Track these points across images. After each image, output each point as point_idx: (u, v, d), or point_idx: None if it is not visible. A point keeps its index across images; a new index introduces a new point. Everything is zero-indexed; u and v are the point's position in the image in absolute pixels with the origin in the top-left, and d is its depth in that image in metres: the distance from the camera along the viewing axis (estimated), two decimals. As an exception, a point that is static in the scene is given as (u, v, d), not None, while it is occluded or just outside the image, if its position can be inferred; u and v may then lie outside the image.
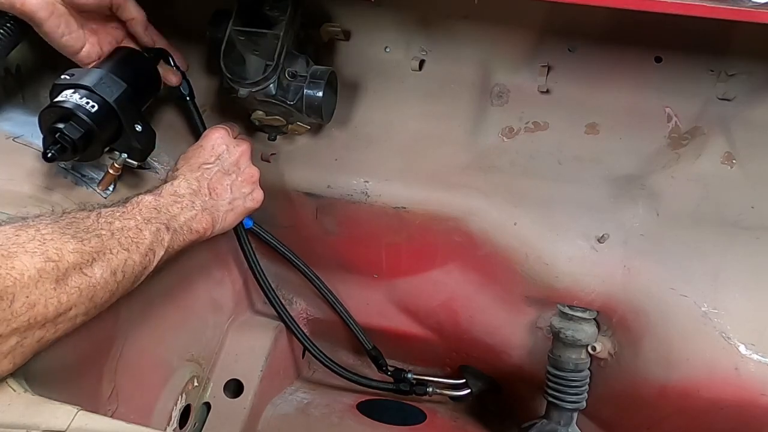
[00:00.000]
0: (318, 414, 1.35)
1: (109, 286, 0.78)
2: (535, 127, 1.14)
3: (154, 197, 0.91)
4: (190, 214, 0.94)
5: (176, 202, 0.93)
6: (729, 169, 1.07)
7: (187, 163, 1.01)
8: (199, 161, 1.01)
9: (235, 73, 1.05)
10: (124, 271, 0.80)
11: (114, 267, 0.78)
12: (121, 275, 0.80)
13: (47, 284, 0.69)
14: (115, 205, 0.87)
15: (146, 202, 0.89)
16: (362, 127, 1.18)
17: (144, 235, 0.84)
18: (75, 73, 0.94)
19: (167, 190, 0.94)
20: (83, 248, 0.75)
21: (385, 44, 1.17)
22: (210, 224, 0.97)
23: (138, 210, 0.87)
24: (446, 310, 1.29)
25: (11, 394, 0.67)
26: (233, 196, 1.02)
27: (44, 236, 0.72)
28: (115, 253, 0.79)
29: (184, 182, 0.96)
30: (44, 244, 0.71)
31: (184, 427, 1.19)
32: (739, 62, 1.04)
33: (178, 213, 0.92)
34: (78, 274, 0.74)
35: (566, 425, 1.19)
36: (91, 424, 0.65)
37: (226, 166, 1.02)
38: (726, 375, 1.01)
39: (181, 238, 0.92)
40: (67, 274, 0.72)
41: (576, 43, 1.09)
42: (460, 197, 1.13)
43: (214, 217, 0.98)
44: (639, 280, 1.07)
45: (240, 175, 1.03)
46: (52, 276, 0.70)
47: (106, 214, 0.83)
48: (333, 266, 1.30)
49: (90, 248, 0.76)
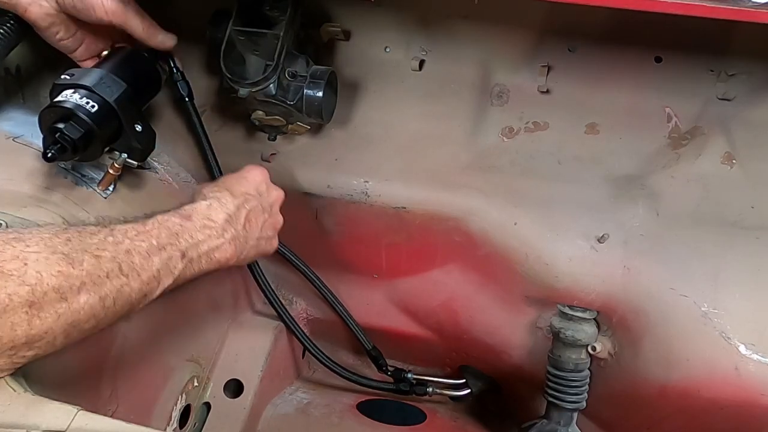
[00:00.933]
0: (318, 414, 1.35)
1: (95, 313, 0.71)
2: (535, 127, 1.14)
3: (181, 219, 0.84)
4: (215, 243, 0.87)
5: (206, 227, 0.86)
6: (729, 169, 1.07)
7: (229, 188, 0.94)
8: (242, 190, 0.96)
9: (235, 73, 1.05)
10: (116, 298, 0.73)
11: (104, 293, 0.72)
12: (111, 302, 0.73)
13: (18, 309, 0.64)
14: (134, 222, 0.80)
15: (169, 225, 0.82)
16: (362, 127, 1.18)
17: (152, 261, 0.78)
18: (75, 73, 0.94)
19: (199, 213, 0.87)
20: (71, 271, 0.69)
21: (385, 44, 1.17)
22: (233, 255, 0.90)
23: (156, 232, 0.80)
24: (446, 310, 1.29)
25: (11, 394, 0.67)
26: (261, 234, 0.97)
27: (28, 256, 0.66)
28: (111, 278, 0.73)
29: (221, 207, 0.90)
30: (25, 266, 0.66)
31: (184, 427, 1.19)
32: (739, 62, 1.04)
33: (202, 240, 0.85)
34: (57, 299, 0.67)
35: (566, 425, 1.19)
36: (91, 424, 0.64)
37: (264, 205, 0.99)
38: (726, 375, 1.01)
39: (196, 267, 0.85)
40: (44, 299, 0.66)
41: (576, 43, 1.09)
42: (460, 197, 1.13)
43: (240, 248, 0.91)
44: (639, 280, 1.07)
45: (271, 218, 1.00)
46: (24, 300, 0.64)
47: (118, 233, 0.77)
48: (333, 266, 1.30)
49: (79, 272, 0.70)
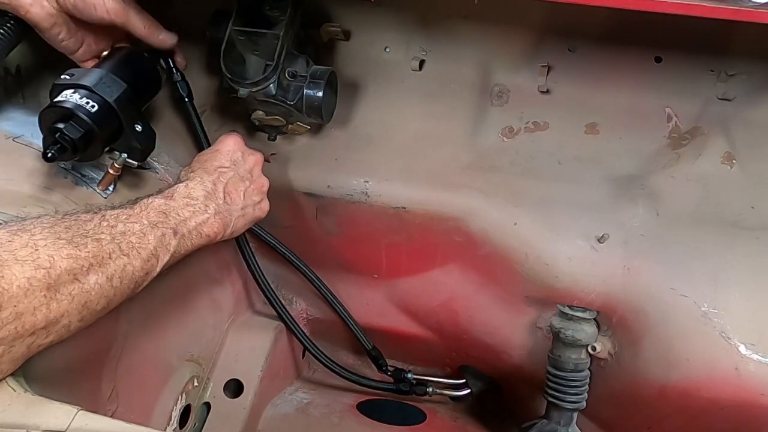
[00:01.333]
0: (318, 414, 1.35)
1: (105, 293, 0.75)
2: (535, 127, 1.14)
3: (164, 200, 0.88)
4: (201, 218, 0.91)
5: (188, 205, 0.91)
6: (729, 169, 1.07)
7: (203, 166, 0.99)
8: (215, 164, 0.99)
9: (235, 73, 1.05)
10: (121, 277, 0.77)
11: (111, 273, 0.76)
12: (118, 281, 0.77)
13: (37, 293, 0.68)
14: (122, 207, 0.84)
15: (155, 205, 0.87)
16: (362, 127, 1.18)
17: (148, 239, 0.82)
18: (75, 73, 0.94)
19: (180, 192, 0.91)
20: (78, 254, 0.73)
21: (385, 44, 1.17)
22: (221, 228, 0.94)
23: (145, 213, 0.85)
24: (446, 310, 1.29)
25: (11, 394, 0.67)
26: (245, 202, 1.00)
27: (37, 242, 0.70)
28: (114, 258, 0.77)
29: (199, 184, 0.94)
30: (36, 251, 0.69)
31: (184, 427, 1.19)
32: (739, 62, 1.04)
33: (188, 217, 0.89)
34: (71, 281, 0.71)
35: (566, 425, 1.19)
36: (91, 424, 0.64)
37: (241, 173, 1.01)
38: (726, 375, 1.01)
39: (188, 243, 0.89)
40: (59, 282, 0.70)
41: (576, 43, 1.09)
42: (460, 197, 1.13)
43: (226, 221, 0.95)
44: (639, 280, 1.07)
45: (253, 183, 1.02)
46: (42, 284, 0.68)
47: (110, 217, 0.81)
48: (333, 266, 1.30)
49: (86, 253, 0.74)
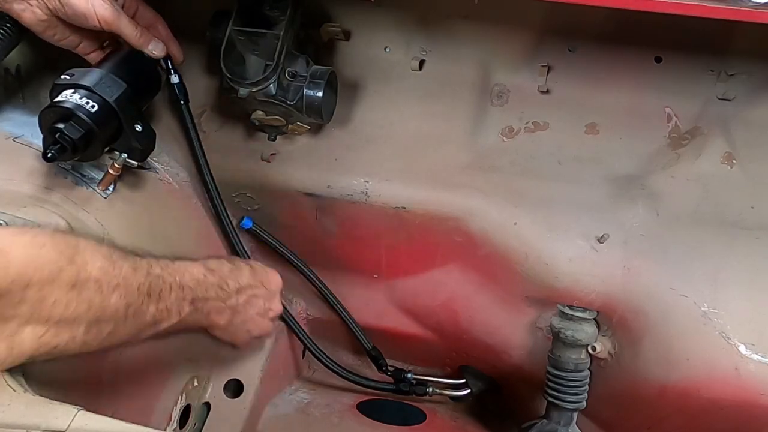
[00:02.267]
0: (318, 414, 1.35)
1: (117, 317, 0.77)
2: (535, 127, 1.14)
3: (204, 272, 0.94)
4: (219, 305, 0.97)
5: (220, 288, 0.97)
6: (729, 169, 1.07)
7: (252, 269, 1.06)
8: (260, 278, 1.07)
9: (235, 73, 1.05)
10: (136, 312, 0.79)
11: (129, 302, 0.78)
12: (132, 314, 0.79)
13: (63, 285, 0.69)
14: (166, 258, 0.88)
15: (194, 271, 0.92)
16: (362, 127, 1.18)
17: (170, 295, 0.86)
18: (75, 73, 0.94)
19: (221, 273, 0.98)
20: (111, 270, 0.75)
21: (385, 44, 1.17)
22: (225, 323, 1.00)
23: (181, 273, 0.89)
24: (446, 310, 1.29)
25: (11, 394, 0.67)
26: (249, 319, 1.05)
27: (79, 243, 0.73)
28: (139, 291, 0.79)
29: (238, 278, 1.01)
30: (76, 250, 0.72)
31: (184, 427, 1.19)
32: (739, 62, 1.04)
33: (212, 297, 0.95)
34: (95, 289, 0.73)
35: (566, 425, 1.19)
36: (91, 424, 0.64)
37: (265, 302, 1.08)
38: (726, 375, 1.01)
39: (193, 318, 0.92)
40: (84, 285, 0.72)
41: (576, 43, 1.09)
42: (460, 197, 1.13)
43: (231, 320, 1.01)
44: (639, 280, 1.07)
45: (264, 318, 1.09)
46: (70, 279, 0.70)
47: (152, 260, 0.85)
48: (333, 266, 1.30)
49: (117, 272, 0.76)
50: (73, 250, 0.72)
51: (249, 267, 1.06)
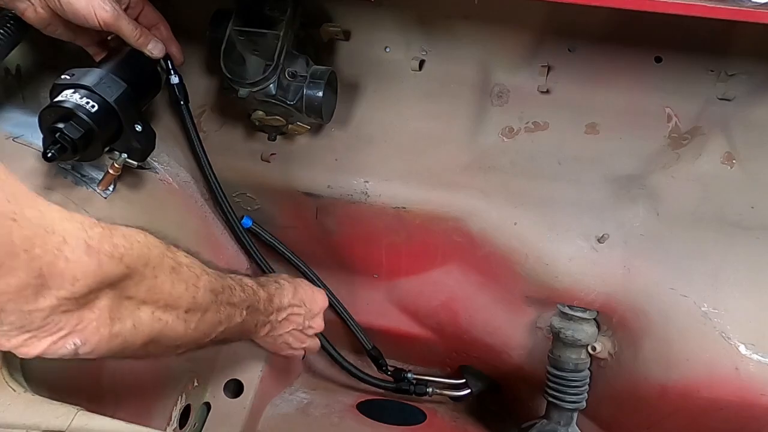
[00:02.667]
0: (318, 414, 1.35)
1: (204, 306, 0.81)
2: (535, 127, 1.14)
3: (256, 286, 1.00)
4: (263, 319, 1.02)
5: (268, 302, 1.02)
6: (729, 169, 1.07)
7: (296, 288, 1.11)
8: (302, 297, 1.11)
9: (235, 73, 1.05)
10: (219, 303, 0.85)
11: (215, 288, 0.84)
12: (215, 304, 0.84)
13: (166, 268, 0.74)
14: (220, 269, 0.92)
15: (248, 283, 0.97)
16: (362, 127, 1.18)
17: (236, 296, 0.91)
18: (75, 73, 0.94)
19: (269, 289, 1.04)
20: (194, 261, 0.82)
21: (385, 44, 1.17)
22: (264, 335, 1.06)
23: (239, 281, 0.95)
24: (446, 310, 1.29)
25: (11, 394, 0.67)
26: (283, 335, 1.11)
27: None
28: (217, 283, 0.85)
29: (282, 297, 1.07)
30: (167, 242, 0.77)
31: (184, 427, 1.19)
32: (739, 62, 1.04)
33: (260, 310, 1.00)
34: (188, 273, 0.78)
35: (566, 425, 1.19)
36: (91, 424, 0.65)
37: (305, 321, 1.13)
38: (726, 375, 1.01)
39: (242, 327, 0.95)
40: (180, 269, 0.77)
41: (576, 43, 1.09)
42: (460, 197, 1.13)
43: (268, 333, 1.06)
44: (639, 280, 1.07)
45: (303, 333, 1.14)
46: (170, 262, 0.75)
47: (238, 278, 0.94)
48: (333, 266, 1.30)
49: (198, 264, 0.82)
50: (164, 242, 0.76)
51: (293, 287, 1.11)
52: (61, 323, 0.63)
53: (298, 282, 1.14)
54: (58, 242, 0.60)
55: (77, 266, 0.61)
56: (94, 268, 0.63)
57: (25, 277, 0.58)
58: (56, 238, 0.60)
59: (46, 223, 0.60)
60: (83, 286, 0.62)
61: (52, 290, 0.60)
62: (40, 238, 0.58)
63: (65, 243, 0.60)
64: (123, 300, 0.68)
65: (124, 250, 0.66)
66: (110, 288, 0.66)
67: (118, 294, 0.67)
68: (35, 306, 0.60)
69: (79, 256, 0.61)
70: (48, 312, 0.61)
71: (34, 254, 0.58)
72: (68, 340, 0.64)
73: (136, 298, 0.70)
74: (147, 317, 0.71)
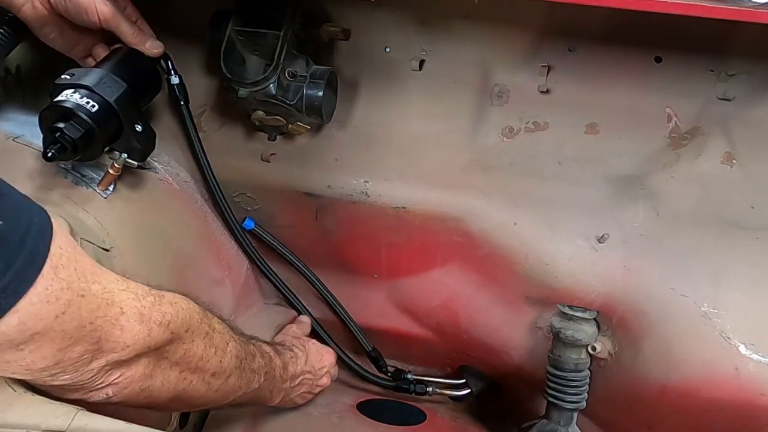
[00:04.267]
0: (318, 414, 1.34)
1: (228, 372, 0.83)
2: (535, 127, 1.14)
3: (273, 353, 1.01)
4: (278, 386, 1.03)
5: (284, 370, 1.04)
6: (729, 169, 1.07)
7: (308, 356, 1.14)
8: (314, 363, 1.15)
9: (235, 73, 1.05)
10: (242, 369, 0.86)
11: (240, 356, 0.86)
12: (238, 370, 0.86)
13: (201, 333, 0.77)
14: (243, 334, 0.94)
15: (266, 350, 0.99)
16: (362, 127, 1.18)
17: (255, 363, 0.92)
18: (75, 72, 0.94)
19: (284, 357, 1.06)
20: (226, 328, 0.84)
21: (385, 44, 1.16)
22: (278, 401, 1.07)
23: (260, 347, 0.97)
24: (446, 310, 1.29)
25: (11, 394, 0.67)
26: (296, 399, 1.15)
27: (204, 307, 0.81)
28: (243, 349, 0.87)
29: (296, 365, 1.09)
30: (204, 309, 0.80)
31: (184, 427, 1.19)
32: (739, 62, 1.04)
33: (276, 377, 1.01)
34: (219, 339, 0.81)
35: (566, 425, 1.19)
36: (91, 424, 0.65)
37: (315, 383, 1.17)
38: (726, 375, 1.01)
39: (257, 393, 0.96)
40: (212, 335, 0.79)
41: (576, 43, 1.09)
42: (460, 197, 1.13)
43: (282, 397, 1.08)
44: (639, 280, 1.07)
45: (311, 393, 1.19)
46: (205, 329, 0.78)
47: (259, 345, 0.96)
48: (333, 266, 1.30)
49: (228, 330, 0.85)
50: (202, 308, 0.79)
51: (305, 355, 1.13)
52: (102, 378, 0.67)
53: (309, 347, 1.17)
54: (116, 313, 0.64)
55: (130, 335, 0.66)
56: (144, 335, 0.67)
57: (88, 346, 0.62)
58: (115, 310, 0.64)
59: (108, 296, 0.63)
60: (132, 351, 0.67)
61: (105, 354, 0.65)
62: (102, 310, 0.63)
63: (122, 314, 0.65)
64: (161, 360, 0.72)
65: (171, 318, 0.70)
66: (153, 350, 0.70)
67: (157, 355, 0.71)
68: (88, 368, 0.64)
69: (132, 325, 0.66)
70: (96, 372, 0.65)
71: (96, 325, 0.62)
72: (103, 392, 0.69)
73: (171, 359, 0.73)
74: (174, 376, 0.75)
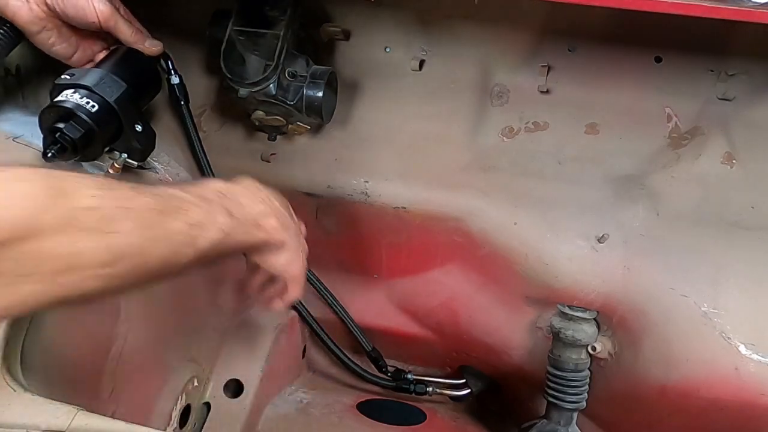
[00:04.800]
0: (318, 414, 1.35)
1: (137, 248, 0.60)
2: (535, 127, 1.14)
3: (222, 185, 0.75)
4: (261, 209, 0.80)
5: (244, 196, 0.78)
6: (729, 169, 1.07)
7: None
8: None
9: (235, 73, 1.05)
10: (155, 236, 0.62)
11: (142, 224, 0.61)
12: (152, 238, 0.62)
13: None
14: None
15: (213, 186, 0.74)
16: (362, 127, 1.18)
17: (194, 209, 0.67)
18: (75, 72, 0.94)
19: (239, 180, 0.80)
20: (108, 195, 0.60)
21: (385, 44, 1.17)
22: (277, 228, 0.83)
23: (197, 188, 0.71)
24: (446, 310, 1.29)
25: (11, 394, 0.67)
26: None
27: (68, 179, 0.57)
28: (149, 210, 0.63)
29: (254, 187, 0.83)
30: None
31: (184, 427, 1.19)
32: (739, 62, 1.04)
33: (246, 204, 0.77)
34: (95, 219, 0.57)
35: (566, 425, 1.19)
36: (91, 424, 0.65)
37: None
38: (726, 375, 1.01)
39: (240, 231, 0.74)
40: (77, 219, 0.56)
41: (576, 43, 1.09)
42: (460, 197, 1.13)
43: (283, 224, 0.85)
44: (639, 280, 1.07)
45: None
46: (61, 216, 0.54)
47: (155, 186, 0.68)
48: (333, 266, 1.30)
49: (115, 195, 0.61)
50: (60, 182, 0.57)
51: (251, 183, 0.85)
52: None
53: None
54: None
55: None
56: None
57: None
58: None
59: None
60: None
61: None
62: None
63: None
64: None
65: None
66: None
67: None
68: None
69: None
70: None
71: None
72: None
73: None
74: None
